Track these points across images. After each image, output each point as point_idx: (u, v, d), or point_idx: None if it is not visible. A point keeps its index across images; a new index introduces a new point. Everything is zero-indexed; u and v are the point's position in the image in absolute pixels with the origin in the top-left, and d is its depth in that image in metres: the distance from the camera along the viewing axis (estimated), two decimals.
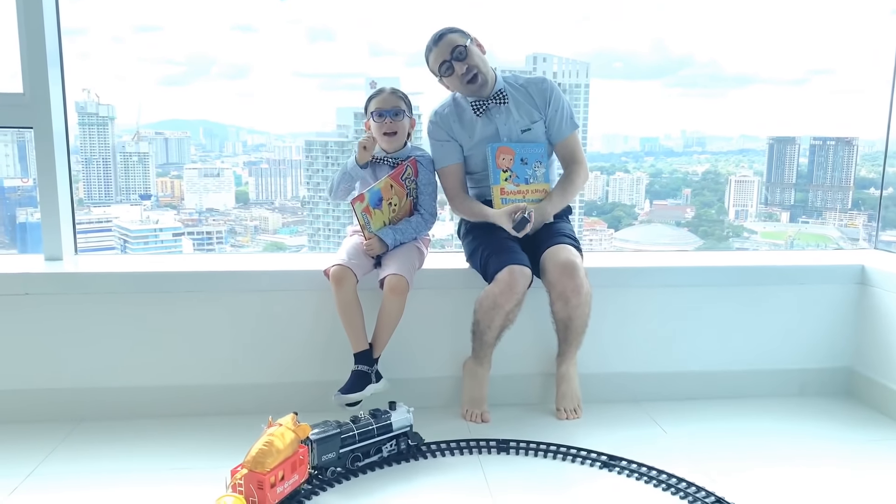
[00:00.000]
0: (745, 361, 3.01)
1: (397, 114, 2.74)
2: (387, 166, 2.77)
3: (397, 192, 2.71)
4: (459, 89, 2.81)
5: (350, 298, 2.59)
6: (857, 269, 3.02)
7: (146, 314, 2.74)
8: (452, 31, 2.77)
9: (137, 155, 6.57)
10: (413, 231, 2.75)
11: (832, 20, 7.81)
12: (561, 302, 2.61)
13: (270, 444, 2.05)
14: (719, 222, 7.39)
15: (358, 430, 2.31)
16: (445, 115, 2.85)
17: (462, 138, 2.82)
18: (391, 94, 2.79)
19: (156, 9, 8.60)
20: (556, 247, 2.64)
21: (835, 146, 6.87)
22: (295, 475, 2.12)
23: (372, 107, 2.78)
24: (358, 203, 2.62)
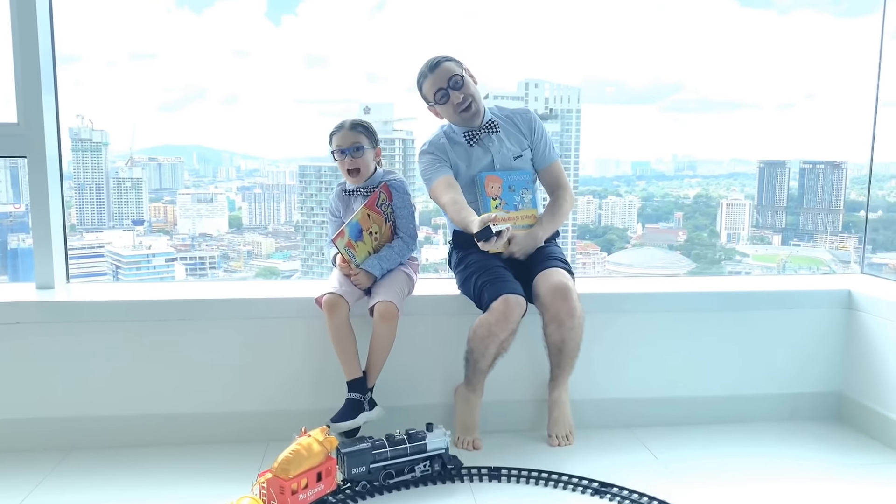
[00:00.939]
0: (736, 386, 3.02)
1: (358, 149, 2.73)
2: (361, 196, 2.77)
3: (375, 219, 2.72)
4: (451, 117, 2.83)
5: (343, 326, 2.59)
6: (845, 293, 3.04)
7: (138, 342, 2.73)
8: (448, 60, 2.80)
9: (131, 180, 6.59)
10: (397, 256, 2.75)
11: (820, 45, 7.93)
12: (555, 325, 2.62)
13: (296, 452, 2.15)
14: (711, 245, 7.43)
15: (390, 447, 2.35)
16: (441, 144, 2.87)
17: (459, 165, 2.84)
18: (350, 129, 2.76)
19: (151, 35, 8.67)
20: (549, 270, 2.66)
21: (824, 169, 6.94)
22: (321, 485, 2.20)
23: (332, 144, 2.77)
24: (339, 239, 2.62)
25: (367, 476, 2.31)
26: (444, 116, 2.86)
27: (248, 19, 8.70)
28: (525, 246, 2.74)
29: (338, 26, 9.10)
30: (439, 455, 2.41)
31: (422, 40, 8.82)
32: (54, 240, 2.88)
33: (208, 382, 2.77)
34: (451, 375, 2.77)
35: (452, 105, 2.77)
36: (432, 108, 2.86)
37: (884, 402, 2.85)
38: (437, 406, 2.81)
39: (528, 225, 2.81)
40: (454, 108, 2.77)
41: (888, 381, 2.85)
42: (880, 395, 2.88)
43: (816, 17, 8.15)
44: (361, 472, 2.30)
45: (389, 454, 2.34)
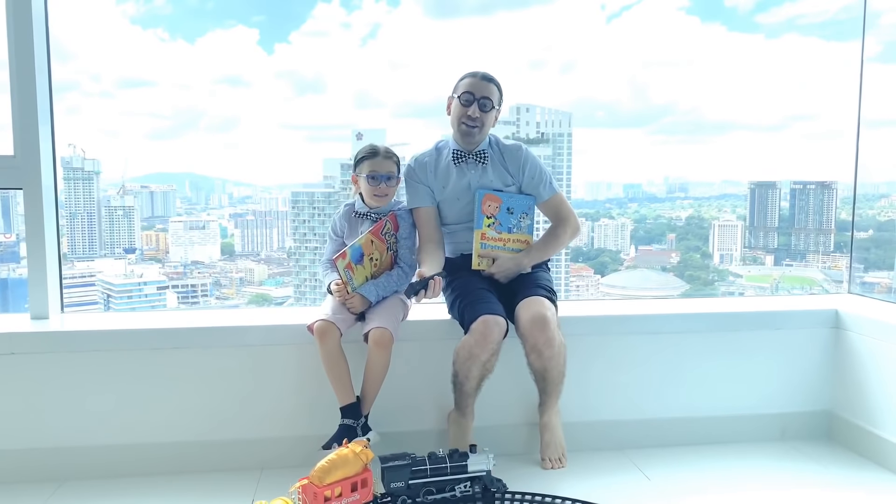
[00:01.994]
0: (727, 407, 3.03)
1: (390, 178, 2.76)
2: (369, 220, 2.80)
3: (378, 247, 2.74)
4: (455, 120, 2.85)
5: (335, 352, 2.60)
6: (832, 313, 3.07)
7: (133, 371, 2.72)
8: (498, 86, 2.86)
9: (122, 209, 6.59)
10: (394, 284, 2.77)
11: (808, 68, 8.04)
12: (534, 354, 2.64)
13: (332, 461, 2.27)
14: (704, 267, 7.45)
15: (430, 465, 2.38)
16: (424, 163, 2.90)
17: (435, 187, 2.87)
18: (385, 158, 2.78)
19: (144, 64, 8.73)
20: (529, 299, 2.67)
21: (815, 190, 7.00)
22: (355, 495, 2.29)
23: (365, 169, 2.77)
24: (340, 260, 2.64)
25: (405, 491, 2.36)
26: (452, 115, 2.88)
27: (241, 48, 8.78)
28: (507, 270, 2.76)
29: (330, 53, 9.19)
30: (480, 477, 2.42)
31: (414, 67, 8.91)
32: (49, 270, 2.89)
33: (203, 410, 2.76)
34: (445, 400, 2.77)
35: (466, 114, 2.80)
36: (451, 99, 2.89)
37: (873, 421, 2.87)
38: (431, 432, 2.81)
39: (517, 249, 2.84)
40: (464, 117, 2.80)
41: (876, 400, 2.86)
42: (869, 413, 2.89)
43: (803, 41, 8.28)
44: (400, 487, 2.35)
45: (429, 472, 2.38)
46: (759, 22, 8.45)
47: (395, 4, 8.80)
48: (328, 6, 8.68)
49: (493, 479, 2.45)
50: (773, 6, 8.31)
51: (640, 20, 10.36)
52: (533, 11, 8.70)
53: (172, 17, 8.50)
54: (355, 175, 2.83)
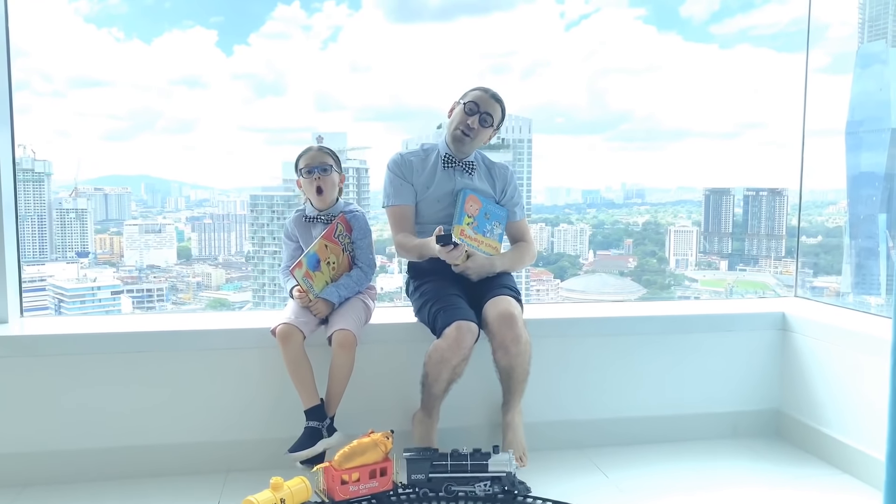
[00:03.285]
0: (681, 406, 3.10)
1: (325, 169, 2.78)
2: (320, 223, 2.81)
3: (333, 250, 2.74)
4: (453, 126, 2.89)
5: (298, 356, 2.58)
6: (779, 316, 3.16)
7: (95, 376, 2.68)
8: (503, 107, 2.93)
9: (75, 211, 6.43)
10: (355, 285, 2.77)
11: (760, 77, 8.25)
12: (501, 351, 2.66)
13: (353, 448, 2.39)
14: (661, 271, 7.57)
15: (451, 461, 2.43)
16: (410, 161, 2.93)
17: (419, 185, 2.89)
18: (318, 150, 2.84)
19: (99, 64, 8.55)
20: (497, 298, 2.71)
21: (766, 196, 7.17)
22: (374, 482, 2.41)
23: (301, 164, 2.82)
24: (297, 270, 2.64)
25: (426, 484, 2.42)
26: (451, 119, 2.93)
27: (199, 49, 8.65)
28: (481, 267, 2.79)
29: (290, 56, 9.12)
30: (501, 478, 2.44)
31: (375, 71, 8.90)
32: (8, 274, 2.83)
33: (167, 413, 2.72)
34: (410, 402, 2.77)
35: (466, 122, 2.85)
36: (455, 104, 2.94)
37: (818, 419, 2.96)
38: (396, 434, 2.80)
39: (488, 254, 2.87)
40: (463, 124, 2.85)
41: (821, 398, 2.96)
42: (814, 411, 2.99)
43: (756, 51, 8.50)
44: (421, 479, 2.42)
45: (449, 467, 2.43)
46: (713, 32, 8.64)
47: (357, 8, 8.77)
48: (288, 8, 8.61)
49: (515, 481, 2.47)
50: (726, 17, 8.51)
51: (598, 28, 10.52)
52: (494, 18, 8.77)
53: (128, 16, 8.33)
54: (299, 179, 2.86)
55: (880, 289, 4.14)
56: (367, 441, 2.42)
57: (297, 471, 2.44)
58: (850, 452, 2.77)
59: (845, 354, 2.84)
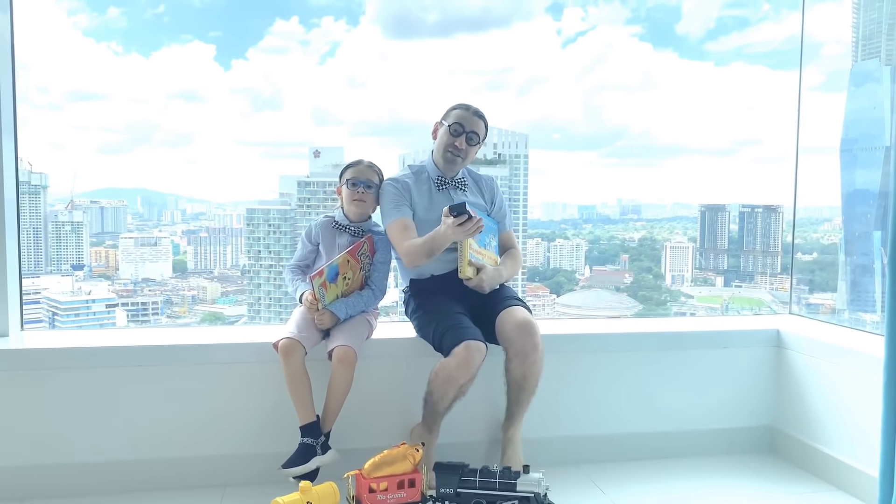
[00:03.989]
0: (676, 422, 3.08)
1: (370, 186, 2.83)
2: (348, 234, 2.83)
3: (352, 266, 2.77)
4: (440, 148, 2.91)
5: (299, 371, 2.57)
6: (773, 333, 3.16)
7: (95, 389, 2.65)
8: (485, 122, 2.96)
9: (70, 224, 6.43)
10: (363, 305, 2.78)
11: (755, 94, 8.30)
12: (520, 358, 2.65)
13: (383, 457, 2.38)
14: (657, 287, 7.57)
15: (480, 477, 2.41)
16: (406, 183, 2.92)
17: (418, 205, 2.89)
18: (368, 167, 2.88)
19: (97, 78, 8.57)
20: (512, 308, 2.73)
21: (762, 213, 7.19)
22: (402, 493, 2.41)
23: (348, 174, 2.85)
24: (317, 278, 2.65)
25: (454, 498, 2.42)
26: (438, 141, 2.93)
27: (197, 63, 8.67)
28: (492, 279, 2.80)
29: (288, 71, 9.16)
30: (528, 498, 2.40)
31: (372, 86, 8.94)
32: (10, 287, 2.80)
33: (166, 428, 2.69)
34: (408, 416, 2.74)
35: (453, 143, 2.86)
36: (438, 125, 2.94)
37: (812, 435, 2.96)
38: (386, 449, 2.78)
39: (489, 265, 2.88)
40: (451, 146, 2.86)
41: (815, 415, 2.95)
42: (808, 428, 2.98)
43: (751, 69, 8.55)
44: (449, 493, 2.43)
45: (477, 483, 2.42)
46: (708, 50, 8.70)
47: (355, 24, 8.83)
48: (287, 23, 8.66)
49: (543, 503, 2.44)
50: (722, 35, 8.57)
51: (594, 46, 10.59)
52: (491, 35, 8.83)
53: (127, 30, 8.37)
54: (340, 186, 2.89)
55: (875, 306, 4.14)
56: (396, 452, 2.42)
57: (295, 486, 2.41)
58: (844, 469, 2.76)
59: (839, 372, 2.83)
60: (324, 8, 8.18)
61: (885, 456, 2.27)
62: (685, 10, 8.82)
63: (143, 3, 8.13)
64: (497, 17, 8.28)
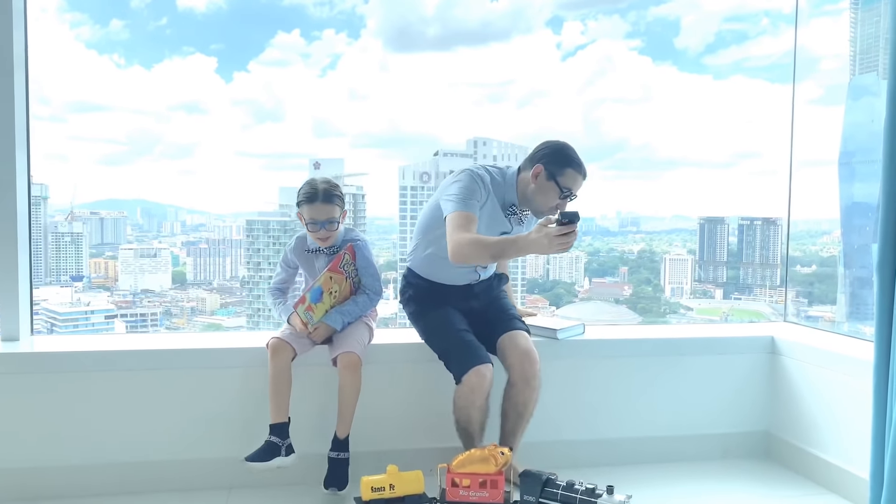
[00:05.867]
0: (672, 427, 3.10)
1: (332, 223, 2.70)
2: (324, 255, 2.77)
3: (337, 280, 2.72)
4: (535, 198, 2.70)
5: (282, 369, 2.59)
6: (768, 339, 3.19)
7: (105, 393, 2.69)
8: None
9: (70, 235, 6.44)
10: (359, 310, 2.76)
11: (754, 108, 8.35)
12: (522, 384, 2.67)
13: (470, 455, 2.47)
14: (656, 299, 7.56)
15: (562, 489, 2.44)
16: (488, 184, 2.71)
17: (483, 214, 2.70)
18: (323, 202, 2.69)
19: (99, 90, 8.62)
20: (515, 333, 2.74)
21: (761, 225, 7.20)
22: (483, 492, 2.46)
23: (305, 214, 2.71)
24: (300, 306, 2.63)
25: None
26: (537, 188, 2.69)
27: (199, 75, 8.73)
28: None
29: (290, 83, 9.21)
30: None
31: (373, 98, 8.99)
32: (21, 293, 2.84)
33: (174, 430, 2.73)
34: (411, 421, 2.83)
35: (556, 202, 2.70)
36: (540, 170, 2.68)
37: (807, 440, 2.97)
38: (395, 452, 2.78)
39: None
40: (553, 203, 2.70)
41: (809, 420, 2.98)
42: (803, 433, 3.00)
43: (750, 82, 8.60)
44: (531, 500, 2.47)
45: (559, 496, 2.44)
46: (707, 63, 8.75)
47: (356, 37, 8.88)
48: (288, 36, 8.72)
49: None
50: (720, 49, 8.62)
51: (594, 59, 10.65)
52: (491, 48, 8.88)
53: (129, 42, 8.43)
54: (300, 213, 2.77)
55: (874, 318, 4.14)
56: (480, 453, 2.48)
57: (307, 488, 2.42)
58: (838, 473, 2.78)
59: (832, 377, 2.86)
60: (325, 21, 8.23)
61: (875, 458, 2.29)
62: (684, 24, 8.88)
63: (145, 16, 8.19)
64: (497, 30, 8.33)
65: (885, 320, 2.24)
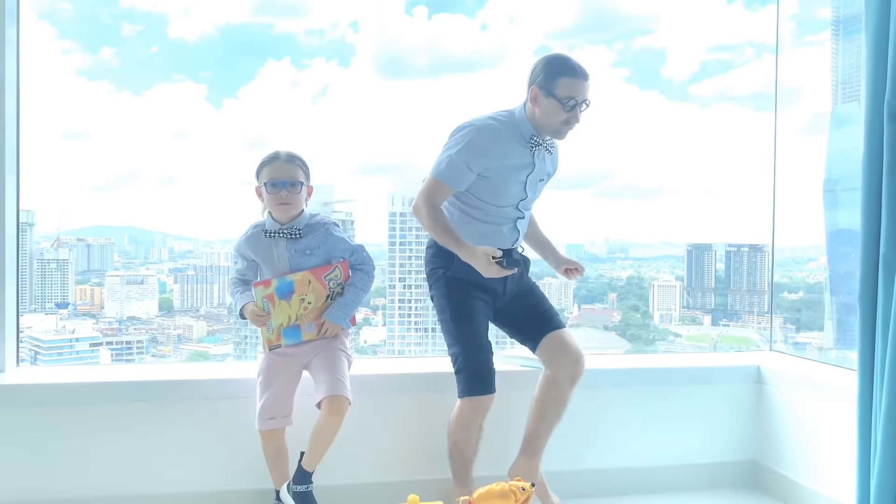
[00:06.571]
0: (660, 457, 3.09)
1: (294, 185, 2.48)
2: (284, 238, 2.49)
3: (315, 290, 2.48)
4: (547, 121, 2.58)
5: (278, 447, 2.54)
6: (754, 369, 3.20)
7: (93, 424, 2.69)
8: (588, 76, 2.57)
9: (56, 262, 6.37)
10: (362, 293, 2.56)
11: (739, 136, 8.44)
12: (568, 383, 2.74)
13: (490, 489, 2.44)
14: (645, 326, 7.55)
15: None
16: (501, 133, 2.57)
17: (494, 159, 2.57)
18: (287, 161, 2.50)
19: (87, 116, 8.63)
20: (564, 332, 2.81)
21: (748, 252, 7.23)
22: None
23: (265, 176, 2.49)
24: (261, 288, 2.38)
25: None
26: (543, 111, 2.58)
27: (189, 102, 8.75)
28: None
29: (279, 110, 9.25)
30: None
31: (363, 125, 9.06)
32: (7, 323, 2.83)
33: (165, 463, 2.74)
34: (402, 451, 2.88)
35: (566, 118, 2.56)
36: (537, 91, 2.57)
37: (793, 470, 2.98)
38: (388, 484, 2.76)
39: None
40: (565, 121, 2.57)
41: (795, 450, 2.98)
42: (790, 462, 3.00)
43: (735, 110, 8.71)
44: None
45: None
46: (692, 92, 8.86)
47: (346, 65, 8.94)
48: (278, 64, 8.76)
49: None
50: (706, 78, 8.73)
51: None
52: (479, 75, 8.96)
53: (120, 69, 8.43)
54: (258, 187, 2.55)
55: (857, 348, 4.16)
56: (500, 488, 2.46)
57: None
58: (825, 503, 2.78)
59: (818, 406, 2.88)
60: (315, 49, 8.28)
61: (861, 488, 2.30)
62: (670, 53, 9.01)
63: (136, 44, 8.22)
64: (485, 59, 8.41)
65: (868, 350, 2.26)
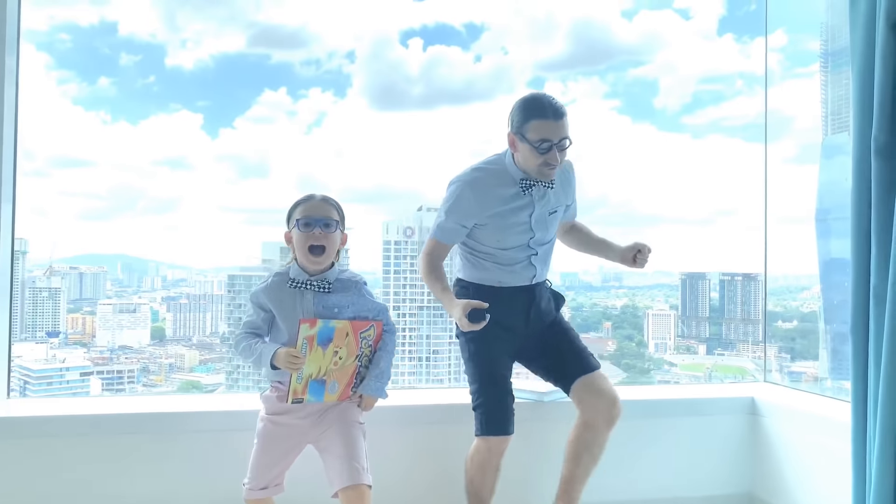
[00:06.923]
0: (655, 490, 3.07)
1: (328, 225, 2.35)
2: (312, 291, 2.34)
3: (349, 346, 2.33)
4: (528, 163, 2.51)
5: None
6: (749, 400, 3.20)
7: (86, 457, 2.65)
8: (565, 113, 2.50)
9: (48, 290, 6.34)
10: (391, 357, 2.45)
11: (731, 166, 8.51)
12: (605, 427, 2.71)
13: None
14: (640, 355, 7.53)
15: None
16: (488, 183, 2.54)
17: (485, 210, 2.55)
18: (322, 201, 2.40)
19: (83, 145, 8.65)
20: (598, 375, 2.77)
21: (741, 281, 7.24)
22: None
23: (298, 214, 2.36)
24: (306, 326, 2.19)
25: None
26: (522, 156, 2.51)
27: (185, 131, 8.79)
28: None
29: (275, 139, 9.29)
30: None
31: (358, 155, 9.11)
32: None
33: (159, 497, 2.68)
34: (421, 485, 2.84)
35: (543, 160, 2.46)
36: (513, 136, 2.51)
37: (789, 502, 2.95)
38: None
39: None
40: (543, 163, 2.47)
41: (790, 481, 2.96)
42: (785, 494, 2.98)
43: (727, 140, 8.80)
44: None
45: None
46: (685, 123, 8.95)
47: (342, 95, 9.01)
48: (275, 94, 8.83)
49: None
50: (698, 109, 8.82)
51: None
52: (474, 107, 9.04)
53: (116, 99, 8.48)
54: (288, 231, 2.42)
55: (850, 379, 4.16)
56: None
57: None
58: None
59: (812, 438, 2.86)
60: (312, 80, 8.36)
61: None
62: (662, 85, 9.12)
63: (133, 74, 8.28)
64: (480, 90, 8.49)
65: (861, 382, 2.25)
